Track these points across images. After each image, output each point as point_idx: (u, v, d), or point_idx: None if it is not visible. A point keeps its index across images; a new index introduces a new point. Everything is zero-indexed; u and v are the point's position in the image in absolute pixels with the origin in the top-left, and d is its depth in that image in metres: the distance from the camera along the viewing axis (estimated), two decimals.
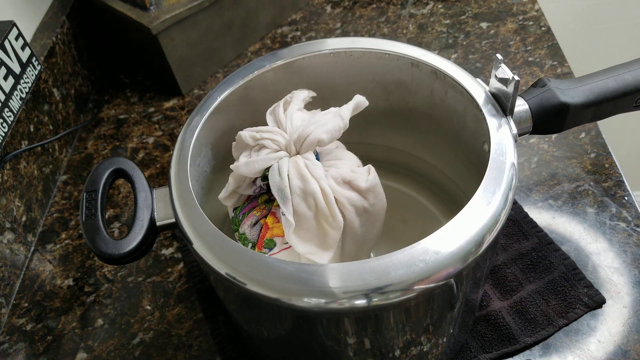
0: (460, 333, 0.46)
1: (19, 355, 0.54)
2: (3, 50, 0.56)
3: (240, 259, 0.35)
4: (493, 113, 0.41)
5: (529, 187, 0.59)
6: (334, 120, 0.41)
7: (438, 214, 0.55)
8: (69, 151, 0.73)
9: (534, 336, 0.48)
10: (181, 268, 0.58)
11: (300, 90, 0.46)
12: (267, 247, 0.41)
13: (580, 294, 0.50)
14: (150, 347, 0.53)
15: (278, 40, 0.84)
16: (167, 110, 0.77)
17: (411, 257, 0.33)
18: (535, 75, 0.70)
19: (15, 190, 0.60)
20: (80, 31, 0.79)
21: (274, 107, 0.45)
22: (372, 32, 0.82)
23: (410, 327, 0.37)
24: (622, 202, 0.56)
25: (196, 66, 0.77)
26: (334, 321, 0.35)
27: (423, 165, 0.56)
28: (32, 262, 0.61)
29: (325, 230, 0.39)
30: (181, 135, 0.44)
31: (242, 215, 0.44)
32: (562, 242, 0.54)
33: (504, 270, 0.52)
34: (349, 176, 0.40)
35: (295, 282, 0.33)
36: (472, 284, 0.39)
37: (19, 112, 0.59)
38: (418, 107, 0.50)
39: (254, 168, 0.41)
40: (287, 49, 0.48)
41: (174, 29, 0.71)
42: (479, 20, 0.80)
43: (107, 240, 0.39)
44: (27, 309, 0.57)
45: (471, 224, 0.34)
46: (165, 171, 0.69)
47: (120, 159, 0.44)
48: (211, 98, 0.45)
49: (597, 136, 0.62)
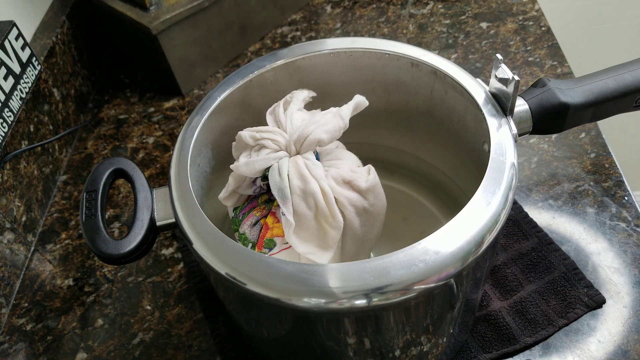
0: (460, 333, 0.46)
1: (19, 355, 0.54)
2: (3, 50, 0.56)
3: (240, 259, 0.35)
4: (493, 113, 0.41)
5: (529, 187, 0.59)
6: (334, 120, 0.41)
7: (438, 214, 0.55)
8: (69, 151, 0.73)
9: (534, 336, 0.48)
10: (181, 268, 0.58)
11: (300, 90, 0.46)
12: (267, 247, 0.41)
13: (580, 294, 0.50)
14: (150, 347, 0.53)
15: (278, 40, 0.84)
16: (167, 110, 0.77)
17: (411, 257, 0.33)
18: (535, 75, 0.70)
19: (15, 190, 0.60)
20: (80, 31, 0.79)
21: (273, 107, 0.45)
22: (372, 32, 0.82)
23: (410, 327, 0.37)
24: (622, 202, 0.56)
25: (196, 66, 0.77)
26: (334, 321, 0.35)
27: (423, 165, 0.56)
28: (32, 262, 0.61)
29: (325, 230, 0.39)
30: (181, 135, 0.44)
31: (242, 215, 0.44)
32: (562, 242, 0.54)
33: (504, 270, 0.52)
34: (349, 176, 0.40)
35: (295, 282, 0.33)
36: (472, 284, 0.39)
37: (19, 112, 0.59)
38: (418, 107, 0.50)
39: (254, 168, 0.41)
40: (287, 49, 0.48)
41: (174, 29, 0.71)
42: (479, 20, 0.80)
43: (107, 240, 0.39)
44: (27, 309, 0.57)
45: (471, 224, 0.34)
46: (165, 171, 0.69)
47: (120, 159, 0.44)
48: (211, 98, 0.45)
49: (597, 136, 0.62)
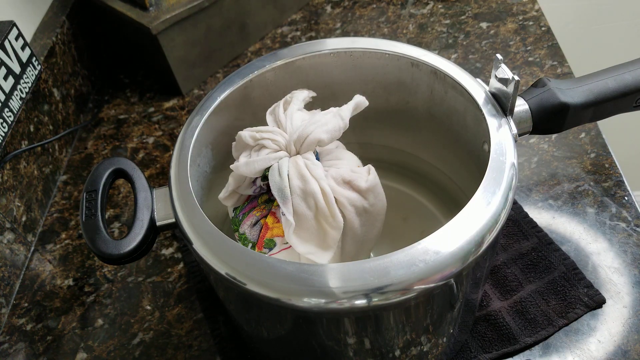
0: (460, 333, 0.46)
1: (19, 355, 0.54)
2: (3, 50, 0.56)
3: (240, 259, 0.35)
4: (493, 113, 0.41)
5: (529, 187, 0.59)
6: (334, 120, 0.41)
7: (438, 214, 0.54)
8: (69, 151, 0.73)
9: (534, 336, 0.48)
10: (181, 268, 0.58)
11: (300, 90, 0.46)
12: (267, 247, 0.41)
13: (580, 294, 0.50)
14: (150, 347, 0.53)
15: (278, 40, 0.84)
16: (167, 110, 0.77)
17: (411, 257, 0.33)
18: (535, 75, 0.70)
19: (15, 190, 0.60)
20: (80, 31, 0.79)
21: (274, 107, 0.45)
22: (372, 32, 0.82)
23: (410, 327, 0.37)
24: (622, 202, 0.56)
25: (196, 66, 0.77)
26: (334, 321, 0.35)
27: (423, 165, 0.56)
28: (32, 262, 0.61)
29: (325, 230, 0.39)
30: (181, 135, 0.44)
31: (242, 215, 0.44)
32: (562, 242, 0.54)
33: (504, 270, 0.52)
34: (349, 176, 0.40)
35: (295, 282, 0.33)
36: (472, 284, 0.39)
37: (19, 112, 0.59)
38: (418, 107, 0.50)
39: (254, 168, 0.41)
40: (287, 49, 0.48)
41: (174, 29, 0.71)
42: (479, 20, 0.80)
43: (107, 240, 0.39)
44: (27, 309, 0.57)
45: (471, 224, 0.34)
46: (165, 171, 0.69)
47: (120, 159, 0.44)
48: (211, 98, 0.45)
49: (597, 136, 0.62)
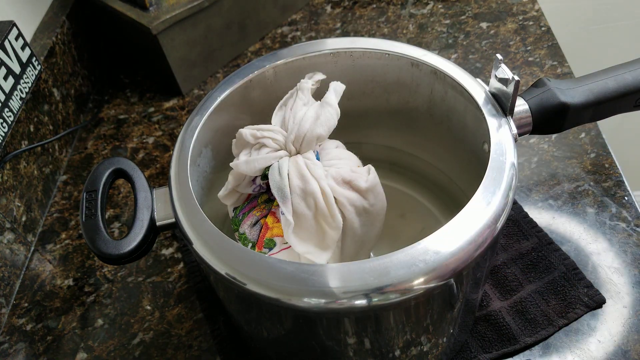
0: (460, 333, 0.46)
1: (19, 355, 0.54)
2: (3, 50, 0.56)
3: (240, 259, 0.35)
4: (493, 113, 0.41)
5: (529, 187, 0.59)
6: (324, 111, 0.41)
7: (438, 214, 0.55)
8: (69, 151, 0.73)
9: (534, 336, 0.48)
10: (181, 268, 0.58)
11: (305, 79, 0.45)
12: (267, 247, 0.41)
13: (580, 294, 0.50)
14: (150, 347, 0.53)
15: (278, 40, 0.84)
16: (167, 110, 0.77)
17: (411, 257, 0.33)
18: (535, 75, 0.70)
19: (15, 190, 0.60)
20: (80, 31, 0.79)
21: (280, 104, 0.45)
22: (372, 32, 0.82)
23: (410, 327, 0.37)
24: (622, 202, 0.56)
25: (196, 66, 0.77)
26: (334, 321, 0.35)
27: (423, 165, 0.56)
28: (32, 262, 0.61)
29: (324, 230, 0.39)
30: (181, 135, 0.44)
31: (242, 215, 0.44)
32: (562, 242, 0.54)
33: (504, 270, 0.52)
34: (349, 176, 0.40)
35: (295, 282, 0.33)
36: (472, 284, 0.39)
37: (19, 112, 0.59)
38: (418, 107, 0.50)
39: (254, 167, 0.41)
40: (287, 49, 0.48)
41: (174, 29, 0.71)
42: (479, 20, 0.80)
43: (107, 240, 0.39)
44: (27, 309, 0.57)
45: (471, 224, 0.34)
46: (165, 171, 0.69)
47: (120, 159, 0.44)
48: (211, 98, 0.45)
49: (597, 136, 0.62)
